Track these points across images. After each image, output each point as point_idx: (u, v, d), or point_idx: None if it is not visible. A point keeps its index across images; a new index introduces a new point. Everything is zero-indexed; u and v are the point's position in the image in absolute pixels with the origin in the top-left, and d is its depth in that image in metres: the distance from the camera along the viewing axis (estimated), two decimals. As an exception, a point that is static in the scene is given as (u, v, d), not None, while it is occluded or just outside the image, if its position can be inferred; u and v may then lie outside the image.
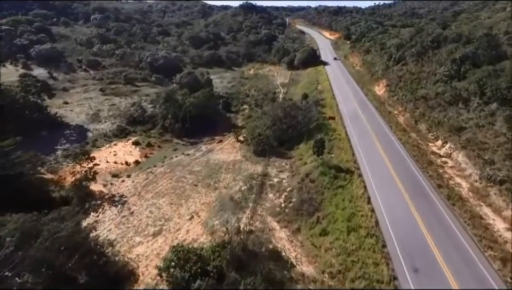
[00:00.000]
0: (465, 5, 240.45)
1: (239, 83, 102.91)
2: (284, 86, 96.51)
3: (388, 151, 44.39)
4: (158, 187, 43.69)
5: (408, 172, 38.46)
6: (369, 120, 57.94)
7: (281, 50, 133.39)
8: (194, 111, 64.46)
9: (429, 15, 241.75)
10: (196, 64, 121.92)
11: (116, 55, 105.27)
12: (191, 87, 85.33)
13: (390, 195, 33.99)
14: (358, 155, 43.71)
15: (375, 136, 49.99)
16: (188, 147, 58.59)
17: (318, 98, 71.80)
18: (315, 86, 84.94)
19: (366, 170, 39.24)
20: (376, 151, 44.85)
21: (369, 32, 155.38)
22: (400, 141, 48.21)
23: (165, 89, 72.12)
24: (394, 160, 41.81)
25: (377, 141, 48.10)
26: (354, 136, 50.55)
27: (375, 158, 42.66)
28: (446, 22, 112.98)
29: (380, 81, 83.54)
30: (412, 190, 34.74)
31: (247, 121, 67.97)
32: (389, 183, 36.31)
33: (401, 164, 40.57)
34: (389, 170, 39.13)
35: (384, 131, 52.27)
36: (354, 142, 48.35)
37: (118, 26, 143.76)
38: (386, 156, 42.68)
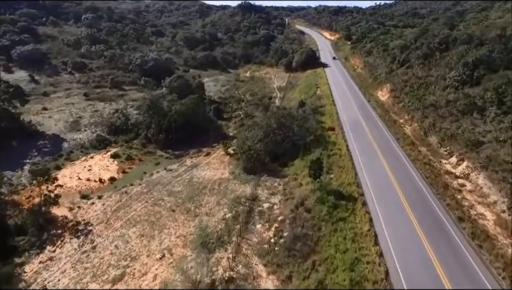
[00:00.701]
0: (468, 5, 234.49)
1: (233, 86, 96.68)
2: (280, 90, 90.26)
3: (395, 171, 38.11)
4: (130, 213, 37.49)
5: (421, 200, 32.18)
6: (373, 131, 51.65)
7: (279, 51, 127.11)
8: (181, 119, 58.24)
9: (431, 15, 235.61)
10: (189, 66, 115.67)
11: (104, 57, 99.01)
12: (181, 92, 79.21)
13: (401, 232, 27.75)
14: (361, 176, 37.45)
15: (381, 152, 43.70)
16: (171, 161, 52.35)
17: (316, 105, 65.51)
18: (314, 91, 78.63)
19: (372, 197, 32.96)
20: (382, 170, 38.59)
21: (370, 32, 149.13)
22: (409, 158, 41.93)
23: (149, 95, 65.58)
24: (404, 183, 35.54)
25: (383, 158, 41.82)
26: (356, 151, 44.26)
27: (382, 179, 36.40)
28: (453, 22, 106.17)
29: (384, 86, 77.20)
30: (427, 225, 28.48)
31: (239, 130, 61.77)
32: (399, 214, 30.06)
33: (413, 189, 34.29)
34: (399, 196, 32.86)
35: (390, 145, 45.97)
36: (356, 158, 42.07)
37: (110, 27, 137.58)
38: (395, 178, 36.40)
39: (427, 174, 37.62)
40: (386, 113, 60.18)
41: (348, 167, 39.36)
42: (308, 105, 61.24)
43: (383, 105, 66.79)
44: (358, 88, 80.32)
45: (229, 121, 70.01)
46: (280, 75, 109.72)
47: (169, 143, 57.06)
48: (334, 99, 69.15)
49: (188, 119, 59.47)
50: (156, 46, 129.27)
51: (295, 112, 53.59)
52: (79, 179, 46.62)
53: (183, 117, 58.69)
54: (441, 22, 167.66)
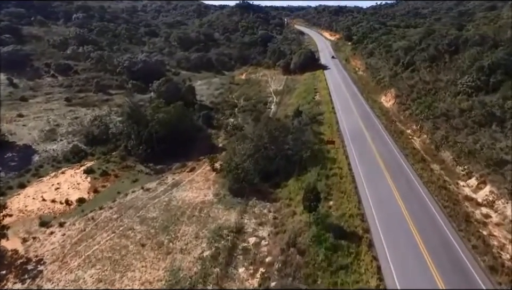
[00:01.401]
0: (471, 5, 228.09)
1: (227, 90, 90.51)
2: (277, 94, 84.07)
3: (407, 199, 31.97)
4: (92, 247, 31.41)
5: (441, 241, 26.06)
6: (378, 144, 45.48)
7: (276, 52, 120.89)
8: (163, 129, 52.07)
9: (433, 15, 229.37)
10: (182, 67, 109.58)
11: (91, 59, 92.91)
12: (170, 96, 73.26)
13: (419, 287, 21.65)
14: (366, 205, 31.31)
15: (387, 171, 37.56)
16: (151, 177, 46.23)
17: (314, 112, 59.36)
18: (312, 96, 72.43)
19: (379, 235, 26.87)
20: (391, 197, 32.45)
21: (371, 32, 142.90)
22: (422, 180, 35.80)
23: (130, 101, 59.45)
24: (418, 215, 29.40)
25: (390, 180, 35.67)
26: (360, 170, 38.12)
27: (391, 210, 30.26)
28: (461, 22, 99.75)
29: (388, 91, 71.00)
30: (452, 278, 22.36)
31: (229, 141, 55.68)
32: (415, 262, 23.95)
33: (430, 224, 28.17)
34: (413, 235, 26.74)
35: (399, 163, 39.81)
36: (360, 180, 35.94)
37: (101, 26, 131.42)
38: (406, 209, 30.25)
39: (444, 201, 31.46)
40: (391, 122, 53.98)
41: (350, 192, 33.21)
42: (305, 114, 55.01)
43: (387, 112, 60.60)
44: (360, 93, 74.13)
45: (219, 129, 63.79)
46: (277, 77, 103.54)
47: (150, 156, 50.89)
48: (334, 106, 62.94)
49: (172, 128, 53.33)
50: (149, 47, 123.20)
51: (290, 123, 47.24)
52: (43, 201, 40.58)
53: (166, 127, 52.52)
54: (446, 22, 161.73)
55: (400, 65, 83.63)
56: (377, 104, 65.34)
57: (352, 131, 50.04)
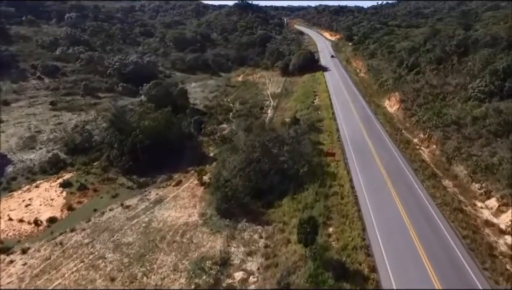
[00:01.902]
0: (473, 4, 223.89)
1: (223, 93, 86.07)
2: (275, 97, 79.58)
3: (419, 226, 27.49)
4: (54, 282, 27.01)
5: (464, 282, 21.55)
6: (383, 156, 40.96)
7: (275, 53, 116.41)
8: (149, 138, 47.61)
9: (435, 14, 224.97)
10: (177, 69, 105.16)
11: (81, 60, 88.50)
12: (160, 100, 69.05)
13: None
14: (371, 233, 26.84)
15: (395, 190, 33.06)
16: (132, 192, 41.80)
17: (313, 119, 54.81)
18: (311, 100, 67.91)
19: (389, 275, 22.37)
20: (400, 224, 27.95)
21: (373, 33, 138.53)
22: (434, 200, 31.33)
23: (113, 107, 54.99)
24: (433, 247, 24.92)
25: (399, 201, 31.16)
26: (363, 189, 33.63)
27: (401, 242, 25.75)
28: (468, 22, 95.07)
29: (391, 94, 66.49)
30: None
31: (220, 150, 51.24)
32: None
33: (447, 259, 23.68)
34: (429, 274, 22.26)
35: (407, 180, 35.30)
36: (364, 201, 31.45)
37: (95, 26, 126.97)
38: (419, 240, 25.76)
39: (462, 229, 26.97)
40: (397, 130, 49.36)
41: (352, 217, 28.73)
42: (303, 121, 50.48)
43: (392, 119, 56.08)
44: (362, 96, 69.58)
45: (211, 136, 59.29)
46: (275, 79, 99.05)
47: (134, 167, 46.44)
48: (335, 112, 58.39)
49: (158, 137, 48.87)
50: (143, 47, 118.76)
51: (286, 132, 42.55)
52: (9, 221, 36.21)
53: (153, 135, 48.04)
54: (449, 22, 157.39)
55: (403, 67, 79.18)
56: (380, 109, 60.81)
57: (354, 141, 45.50)
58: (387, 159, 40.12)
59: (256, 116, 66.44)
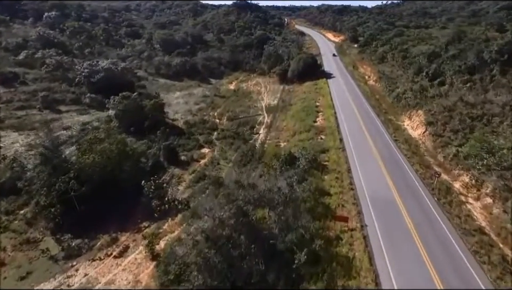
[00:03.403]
0: (484, 4, 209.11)
1: (210, 105, 72.57)
2: (270, 111, 66.01)
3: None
4: None
5: None
6: (421, 221, 27.24)
7: (272, 56, 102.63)
8: (92, 179, 34.36)
9: (444, 14, 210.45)
10: (161, 75, 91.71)
11: (47, 65, 75.24)
12: (129, 117, 56.05)
13: None
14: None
15: None
16: (54, 267, 28.53)
17: (315, 148, 41.09)
18: (313, 118, 54.22)
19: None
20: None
21: (380, 34, 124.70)
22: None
23: (47, 136, 41.62)
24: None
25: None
26: None
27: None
28: (502, 22, 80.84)
29: (412, 111, 52.73)
30: None
31: (193, 192, 37.84)
32: None
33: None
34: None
35: (465, 273, 21.72)
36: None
37: (76, 27, 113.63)
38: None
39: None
40: (433, 176, 35.22)
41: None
42: (302, 154, 36.76)
43: (417, 148, 42.29)
44: (375, 113, 55.79)
45: (188, 166, 45.86)
46: (272, 87, 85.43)
47: (70, 220, 33.26)
48: (343, 138, 44.62)
49: (107, 176, 35.58)
50: (126, 50, 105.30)
51: (272, 193, 28.00)
52: None
53: (97, 176, 34.81)
54: (461, 22, 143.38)
55: (423, 75, 65.63)
56: (400, 133, 47.00)
57: (375, 193, 31.64)
58: (427, 228, 26.43)
59: (245, 138, 52.96)
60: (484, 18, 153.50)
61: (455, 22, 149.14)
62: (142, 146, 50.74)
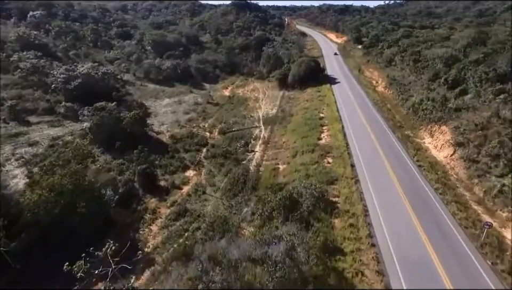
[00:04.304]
0: (491, 4, 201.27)
1: (201, 114, 64.53)
2: (267, 123, 57.88)
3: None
4: None
5: None
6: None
7: (272, 59, 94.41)
8: (37, 225, 26.36)
9: (450, 14, 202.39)
10: (151, 79, 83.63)
11: (21, 70, 67.23)
12: (105, 131, 48.15)
13: None
14: None
15: None
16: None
17: (321, 178, 32.90)
18: (317, 134, 46.04)
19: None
20: None
21: (385, 34, 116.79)
22: None
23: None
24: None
25: None
26: None
27: None
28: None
29: (433, 126, 44.55)
30: None
31: (168, 235, 29.82)
32: None
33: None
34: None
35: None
36: None
37: (62, 27, 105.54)
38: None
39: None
40: (464, 207, 27.35)
41: None
42: (306, 188, 28.63)
43: (447, 175, 34.12)
44: (389, 126, 47.55)
45: (167, 195, 37.76)
46: (270, 93, 77.34)
47: (6, 279, 25.30)
48: (355, 163, 36.40)
49: (54, 220, 27.54)
50: (114, 52, 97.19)
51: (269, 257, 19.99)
52: None
53: (41, 218, 26.79)
54: (469, 22, 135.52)
55: (440, 82, 57.63)
56: (423, 155, 38.80)
57: (401, 246, 23.55)
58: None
59: (238, 158, 44.81)
60: (492, 18, 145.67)
61: (462, 22, 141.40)
62: (119, 167, 43.07)
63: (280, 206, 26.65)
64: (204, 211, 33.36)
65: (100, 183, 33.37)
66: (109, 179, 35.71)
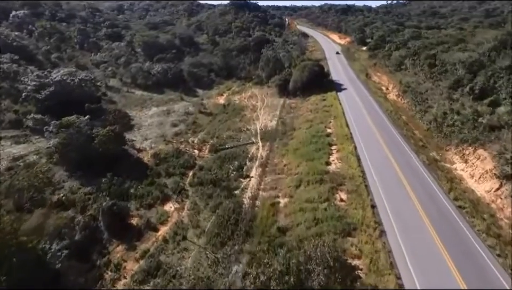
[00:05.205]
0: (498, 4, 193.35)
1: (191, 127, 56.54)
2: (266, 137, 49.77)
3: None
4: None
5: None
6: None
7: (271, 62, 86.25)
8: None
9: (455, 14, 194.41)
10: (138, 85, 75.64)
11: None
12: (73, 151, 40.39)
13: None
14: None
15: None
16: None
17: (335, 228, 24.85)
18: (325, 156, 37.96)
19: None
20: None
21: (391, 35, 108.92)
22: None
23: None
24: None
25: None
26: None
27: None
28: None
29: (465, 148, 36.50)
30: None
31: None
32: None
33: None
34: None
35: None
36: None
37: (47, 28, 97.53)
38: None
39: None
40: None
41: None
42: (318, 250, 20.59)
43: (495, 220, 26.08)
44: (411, 148, 39.44)
45: (139, 241, 29.73)
46: (270, 101, 69.33)
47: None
48: (376, 203, 28.30)
49: None
50: (101, 55, 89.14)
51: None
52: None
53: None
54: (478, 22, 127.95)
55: (465, 91, 49.67)
56: (458, 188, 30.73)
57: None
58: None
59: (229, 186, 36.75)
60: (501, 18, 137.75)
61: (470, 22, 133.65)
62: (84, 198, 35.28)
63: (281, 281, 18.66)
64: (182, 268, 25.39)
65: (47, 232, 25.40)
66: (61, 224, 27.69)
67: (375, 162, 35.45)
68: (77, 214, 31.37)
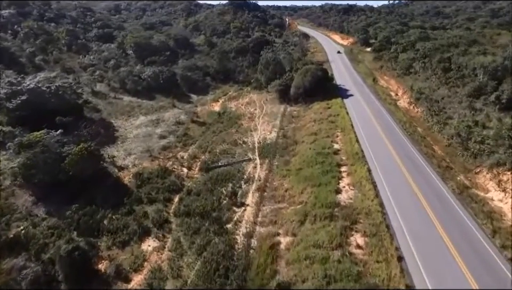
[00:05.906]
0: (504, 3, 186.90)
1: (181, 138, 50.42)
2: (264, 153, 43.66)
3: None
4: None
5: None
6: None
7: (271, 65, 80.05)
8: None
9: (459, 14, 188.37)
10: (127, 90, 69.48)
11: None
12: (40, 172, 34.42)
13: None
14: None
15: None
16: None
17: (354, 274, 18.83)
18: (334, 181, 31.86)
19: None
20: None
21: (396, 36, 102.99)
22: None
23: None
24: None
25: None
26: None
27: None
28: None
29: (504, 174, 30.37)
30: None
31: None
32: None
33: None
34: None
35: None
36: None
37: (34, 28, 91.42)
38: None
39: None
40: None
41: None
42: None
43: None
44: (435, 171, 33.33)
45: None
46: (269, 108, 63.27)
47: None
48: (401, 249, 22.30)
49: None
50: (90, 57, 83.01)
51: None
52: None
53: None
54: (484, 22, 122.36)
55: (489, 100, 43.73)
56: (500, 226, 24.69)
57: None
58: None
59: (221, 218, 30.65)
60: (508, 17, 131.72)
61: (477, 22, 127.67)
62: (46, 233, 29.34)
63: None
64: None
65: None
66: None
67: (395, 192, 29.33)
68: (29, 261, 25.18)
